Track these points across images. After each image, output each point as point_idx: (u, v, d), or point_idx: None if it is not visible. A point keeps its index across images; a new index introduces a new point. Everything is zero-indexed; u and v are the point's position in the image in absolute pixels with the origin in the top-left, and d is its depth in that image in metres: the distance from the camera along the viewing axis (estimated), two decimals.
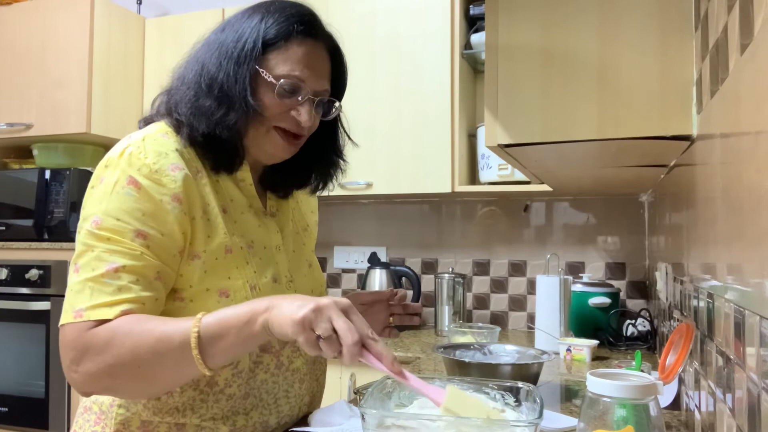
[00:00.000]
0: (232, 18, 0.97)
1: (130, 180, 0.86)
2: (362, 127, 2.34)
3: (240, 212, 0.98)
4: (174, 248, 0.88)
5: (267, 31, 0.92)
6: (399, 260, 2.63)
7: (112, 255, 0.84)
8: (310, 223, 1.17)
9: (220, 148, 0.93)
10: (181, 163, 0.90)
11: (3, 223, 2.54)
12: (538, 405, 0.83)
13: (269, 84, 0.92)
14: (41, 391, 2.35)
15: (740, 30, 0.65)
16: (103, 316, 0.81)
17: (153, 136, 0.91)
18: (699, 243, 0.96)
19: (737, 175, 0.67)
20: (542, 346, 1.81)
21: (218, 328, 0.80)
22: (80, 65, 2.51)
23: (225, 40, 0.93)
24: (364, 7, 2.36)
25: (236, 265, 0.93)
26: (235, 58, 0.91)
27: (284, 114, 0.94)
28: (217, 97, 0.90)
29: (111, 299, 0.82)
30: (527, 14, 1.06)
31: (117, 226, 0.84)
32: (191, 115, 0.91)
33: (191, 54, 0.98)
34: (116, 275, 0.83)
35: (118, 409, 0.94)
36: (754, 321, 0.60)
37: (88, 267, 0.84)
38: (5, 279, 2.42)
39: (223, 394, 0.93)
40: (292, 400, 1.02)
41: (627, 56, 1.00)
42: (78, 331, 0.82)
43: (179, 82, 0.95)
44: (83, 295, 0.83)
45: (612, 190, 2.20)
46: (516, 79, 1.06)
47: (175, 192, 0.88)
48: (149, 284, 0.85)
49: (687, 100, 0.97)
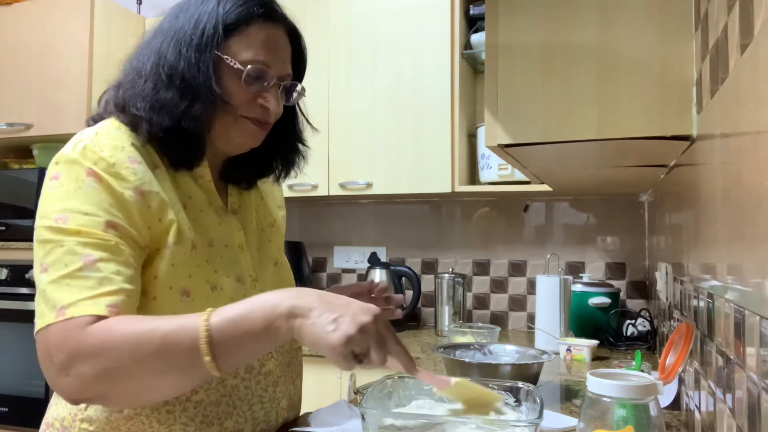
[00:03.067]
0: (185, 3, 0.91)
1: (90, 172, 0.80)
2: (362, 127, 2.35)
3: (199, 210, 0.92)
4: (141, 241, 0.83)
5: (227, 16, 0.87)
6: (399, 260, 2.63)
7: (85, 248, 0.77)
8: (277, 218, 1.10)
9: (182, 142, 0.87)
10: (139, 156, 0.85)
11: (3, 223, 2.54)
12: (538, 405, 0.83)
13: (234, 70, 0.88)
14: (41, 391, 2.35)
15: (740, 30, 0.65)
16: (88, 312, 0.74)
17: (106, 130, 0.86)
18: (699, 243, 0.96)
19: (737, 175, 0.67)
20: (542, 346, 1.81)
21: (233, 331, 0.74)
22: (80, 65, 2.51)
23: (181, 27, 0.87)
24: (364, 7, 2.36)
25: (197, 264, 0.88)
26: (195, 46, 0.86)
27: (251, 102, 0.90)
28: (179, 88, 0.85)
29: (93, 293, 0.75)
30: (527, 14, 1.06)
31: (86, 220, 0.78)
32: (151, 109, 0.85)
33: (143, 44, 0.91)
34: (95, 267, 0.76)
35: (81, 424, 0.87)
36: (754, 321, 0.60)
37: (59, 263, 0.76)
38: (5, 279, 2.42)
39: (191, 402, 0.87)
40: (267, 405, 0.96)
41: (627, 56, 1.00)
42: (65, 332, 0.73)
43: (134, 74, 0.88)
44: (61, 293, 0.75)
45: (612, 190, 2.20)
46: (516, 79, 1.06)
47: (135, 185, 0.83)
48: (129, 276, 0.79)
49: (687, 100, 0.97)
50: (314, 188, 2.39)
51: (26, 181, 2.53)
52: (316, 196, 2.44)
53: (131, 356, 0.73)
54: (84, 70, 2.50)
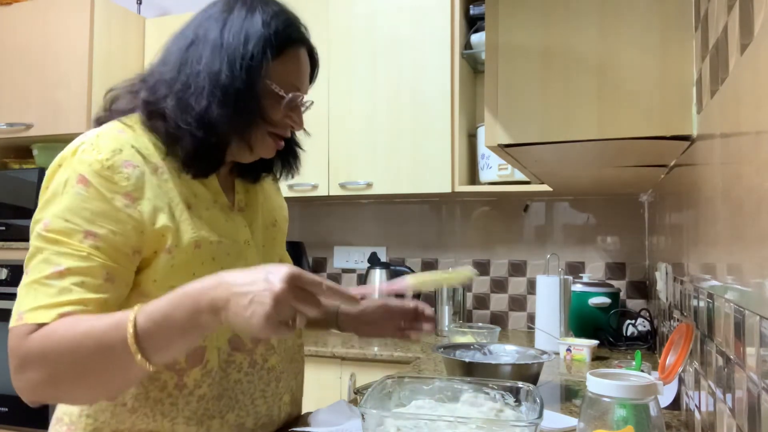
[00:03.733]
0: (226, 14, 0.92)
1: (80, 179, 0.83)
2: (362, 127, 2.35)
3: (204, 208, 0.94)
4: (128, 247, 0.84)
5: (273, 39, 0.90)
6: (399, 260, 2.63)
7: (59, 257, 0.80)
8: (279, 218, 1.13)
9: (210, 156, 0.91)
10: (137, 159, 0.87)
11: (3, 223, 2.54)
12: (538, 405, 0.83)
13: (277, 96, 0.92)
14: None
15: (740, 30, 0.65)
16: (40, 320, 0.77)
17: (107, 133, 0.88)
18: (699, 243, 0.96)
19: (737, 176, 0.67)
20: (542, 346, 1.81)
21: (157, 324, 0.75)
22: (80, 65, 2.51)
23: (230, 43, 0.89)
24: (365, 8, 2.36)
25: (202, 261, 0.90)
26: (247, 67, 0.88)
27: (282, 120, 0.95)
28: (234, 108, 0.88)
29: (50, 301, 0.78)
30: (527, 14, 1.06)
31: (65, 228, 0.81)
32: (199, 126, 0.87)
33: (181, 49, 0.92)
34: (60, 277, 0.79)
35: (87, 419, 0.90)
36: (754, 321, 0.60)
37: (36, 270, 0.80)
38: (5, 279, 2.42)
39: (193, 396, 0.89)
40: (269, 399, 0.98)
41: (627, 56, 1.00)
42: (18, 337, 0.77)
43: (181, 86, 0.89)
44: (27, 297, 0.79)
45: (612, 190, 2.20)
46: (516, 79, 1.06)
47: (127, 190, 0.84)
48: (96, 286, 0.81)
49: (687, 100, 0.97)
50: (314, 188, 2.39)
51: (26, 181, 2.53)
52: (316, 196, 2.44)
53: (72, 360, 0.75)
54: (84, 70, 2.50)
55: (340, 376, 2.06)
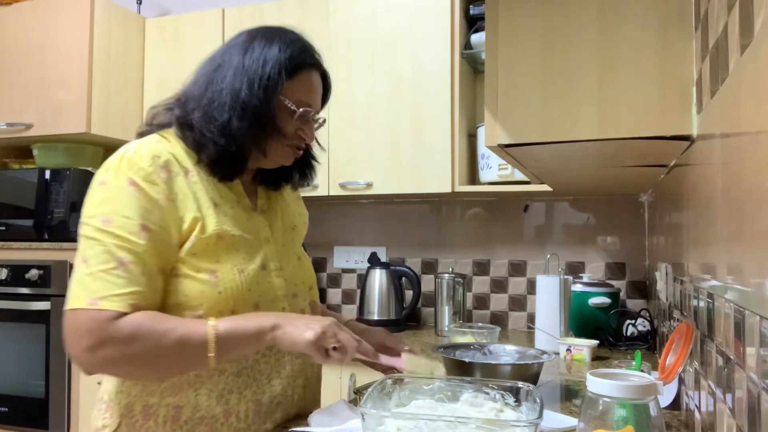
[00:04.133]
0: (248, 42, 1.07)
1: (131, 182, 0.97)
2: (362, 127, 2.35)
3: (229, 207, 1.07)
4: (171, 240, 0.99)
5: (288, 63, 1.05)
6: (399, 260, 2.63)
7: (120, 250, 0.94)
8: (298, 223, 1.27)
9: (233, 162, 1.05)
10: (172, 165, 1.02)
11: (3, 223, 2.54)
12: (538, 405, 0.83)
13: (290, 110, 1.06)
14: (41, 391, 2.35)
15: (740, 30, 0.65)
16: (116, 308, 0.91)
17: (147, 143, 1.03)
18: (699, 243, 0.96)
19: (737, 175, 0.67)
20: (542, 346, 1.81)
21: (232, 337, 0.96)
22: (80, 65, 2.51)
23: (251, 66, 1.04)
24: (365, 7, 2.36)
25: (225, 251, 1.03)
26: (264, 87, 1.03)
27: (295, 133, 1.09)
28: (250, 121, 1.02)
29: (121, 291, 0.92)
30: (527, 14, 1.06)
31: (124, 223, 0.95)
32: (221, 135, 1.02)
33: (209, 72, 1.07)
34: (124, 268, 0.93)
35: (121, 395, 1.03)
36: (754, 321, 0.60)
37: (97, 259, 0.93)
38: (5, 279, 2.42)
39: (216, 370, 1.02)
40: (284, 379, 1.10)
41: (627, 56, 1.00)
42: (96, 321, 0.91)
43: (203, 101, 1.04)
44: (97, 284, 0.92)
45: (612, 190, 2.20)
46: (516, 78, 1.06)
47: (166, 192, 0.99)
48: (152, 278, 0.96)
49: (687, 100, 0.97)
50: (314, 188, 2.38)
51: (26, 181, 2.53)
52: (316, 196, 2.44)
53: (155, 348, 0.93)
54: (84, 70, 2.50)
55: (340, 376, 2.06)
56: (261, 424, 1.06)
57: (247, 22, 2.54)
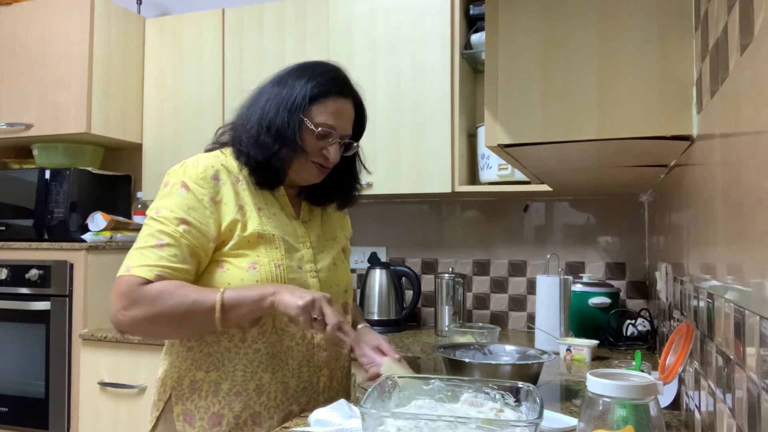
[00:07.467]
0: (286, 74, 1.26)
1: (183, 184, 1.19)
2: None
3: (272, 213, 1.25)
4: (209, 235, 1.17)
5: (312, 91, 1.21)
6: (399, 260, 2.63)
7: (161, 234, 1.15)
8: (339, 235, 1.40)
9: (268, 172, 1.22)
10: (223, 174, 1.22)
11: (3, 223, 2.54)
12: (538, 405, 0.83)
13: (310, 130, 1.21)
14: (41, 391, 2.35)
15: (740, 30, 0.65)
16: (143, 275, 1.11)
17: (206, 155, 1.25)
18: (699, 243, 0.96)
19: (737, 175, 0.67)
20: (542, 346, 1.81)
21: (236, 301, 1.12)
22: (80, 65, 2.51)
23: (280, 92, 1.23)
24: (364, 7, 2.36)
25: (266, 248, 1.20)
26: (288, 109, 1.20)
27: (318, 152, 1.23)
28: (274, 136, 1.20)
29: (152, 263, 1.13)
30: (527, 14, 1.06)
31: (169, 215, 1.16)
32: (251, 147, 1.20)
33: (253, 99, 1.27)
34: (160, 248, 1.14)
35: (172, 369, 1.22)
36: (754, 321, 0.60)
37: (143, 240, 1.16)
38: (5, 279, 2.42)
39: (251, 349, 1.19)
40: (312, 368, 1.25)
41: (627, 56, 0.99)
42: (129, 285, 1.11)
43: (244, 121, 1.24)
44: (134, 258, 1.14)
45: (612, 190, 2.19)
46: (516, 78, 1.06)
47: (212, 195, 1.19)
48: (184, 259, 1.15)
49: (687, 100, 0.97)
50: None
51: (26, 181, 2.53)
52: None
53: (172, 309, 1.12)
54: (84, 70, 2.51)
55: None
56: (288, 405, 1.22)
57: (247, 22, 2.56)
